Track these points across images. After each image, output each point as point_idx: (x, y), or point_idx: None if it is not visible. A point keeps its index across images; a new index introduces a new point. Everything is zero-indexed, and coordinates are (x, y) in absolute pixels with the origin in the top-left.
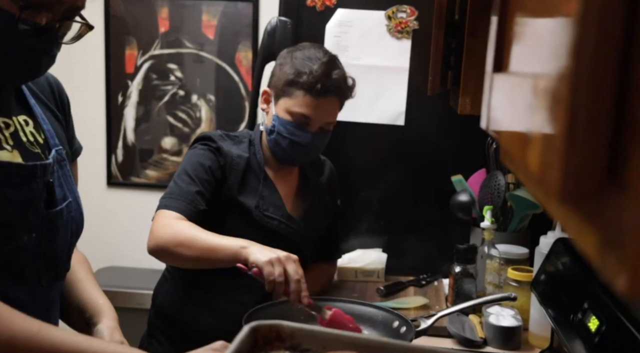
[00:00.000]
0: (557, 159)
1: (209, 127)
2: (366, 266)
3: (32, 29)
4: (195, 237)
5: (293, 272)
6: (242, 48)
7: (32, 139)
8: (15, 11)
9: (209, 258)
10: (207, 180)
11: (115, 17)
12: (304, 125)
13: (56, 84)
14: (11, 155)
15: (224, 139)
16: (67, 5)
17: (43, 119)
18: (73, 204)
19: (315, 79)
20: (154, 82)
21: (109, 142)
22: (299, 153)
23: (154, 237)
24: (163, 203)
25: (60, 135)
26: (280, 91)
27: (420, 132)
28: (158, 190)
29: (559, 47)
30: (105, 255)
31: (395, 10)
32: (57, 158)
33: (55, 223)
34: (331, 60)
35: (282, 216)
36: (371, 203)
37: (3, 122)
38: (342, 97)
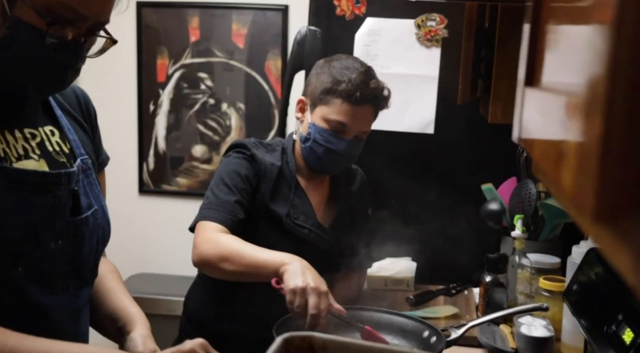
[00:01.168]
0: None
1: (239, 135)
2: (396, 275)
3: (59, 43)
4: (239, 252)
5: (312, 305)
6: (272, 56)
7: (58, 148)
8: (42, 26)
9: (252, 274)
10: (244, 189)
11: (147, 27)
12: (340, 133)
13: (83, 95)
14: (38, 164)
15: (258, 147)
16: (92, 21)
17: (69, 129)
18: (99, 212)
19: (354, 87)
20: (185, 91)
21: (140, 150)
22: (334, 161)
23: (198, 250)
24: (203, 214)
25: (86, 145)
26: (317, 99)
27: (450, 140)
28: (189, 197)
29: (593, 55)
30: (136, 261)
31: (425, 19)
32: (82, 167)
33: (81, 231)
34: (368, 70)
35: (312, 225)
36: (401, 212)
37: (29, 133)
38: (378, 106)
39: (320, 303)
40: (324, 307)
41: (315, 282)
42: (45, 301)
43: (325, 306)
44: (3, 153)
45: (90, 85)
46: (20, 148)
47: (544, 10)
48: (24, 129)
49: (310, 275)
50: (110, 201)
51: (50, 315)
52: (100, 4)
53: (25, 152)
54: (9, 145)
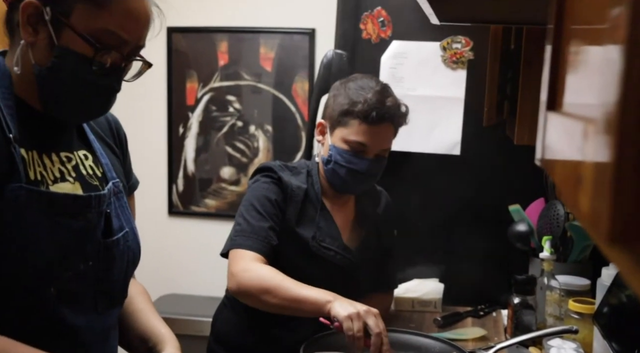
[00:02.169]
0: (606, 201)
1: (266, 157)
2: (423, 296)
3: (103, 69)
4: (281, 286)
5: (374, 325)
6: (299, 79)
7: (91, 171)
8: (89, 53)
9: (294, 308)
10: (275, 214)
11: (177, 51)
12: (361, 152)
13: (114, 121)
14: (73, 186)
15: (284, 170)
16: (132, 45)
17: (101, 154)
18: (129, 234)
19: (370, 107)
20: (214, 114)
21: (170, 172)
22: (357, 181)
23: (236, 280)
24: (237, 241)
25: (117, 169)
26: (335, 121)
27: (476, 161)
28: (217, 218)
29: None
30: (166, 282)
31: (450, 41)
32: (113, 190)
33: (112, 252)
34: (384, 88)
35: (338, 247)
36: (428, 233)
37: (65, 156)
38: (397, 123)
39: (379, 323)
40: (383, 326)
41: (364, 306)
42: (75, 321)
43: (384, 326)
44: (40, 176)
45: (121, 108)
46: (56, 171)
47: (565, 33)
48: (61, 152)
49: (355, 303)
50: (140, 222)
51: (79, 335)
52: (140, 29)
53: (61, 175)
54: (46, 168)
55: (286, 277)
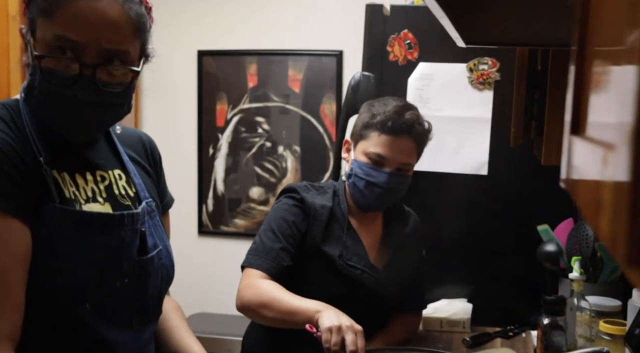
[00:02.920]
0: (623, 225)
1: (294, 177)
2: (452, 316)
3: (68, 78)
4: (277, 299)
5: (350, 342)
6: (327, 100)
7: (124, 191)
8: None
9: (289, 321)
10: (291, 236)
11: (207, 74)
12: (380, 165)
13: (149, 142)
14: (102, 207)
15: (309, 190)
16: (93, 48)
17: (135, 174)
18: (163, 252)
19: (387, 118)
20: (243, 135)
21: (200, 192)
22: (376, 194)
23: (240, 296)
24: (249, 260)
25: (151, 189)
26: (358, 136)
27: (504, 181)
28: (246, 238)
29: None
30: (196, 301)
31: (477, 63)
32: (146, 209)
33: (147, 270)
34: (405, 104)
35: (364, 265)
36: (456, 253)
37: (100, 176)
38: (417, 138)
39: (357, 341)
40: (361, 345)
41: (349, 321)
42: (111, 337)
43: (362, 344)
44: (73, 195)
45: (153, 129)
46: (89, 191)
47: (587, 55)
48: (96, 171)
49: (344, 316)
50: (171, 242)
51: (115, 350)
52: (93, 29)
53: (93, 195)
54: (78, 188)
55: (284, 290)
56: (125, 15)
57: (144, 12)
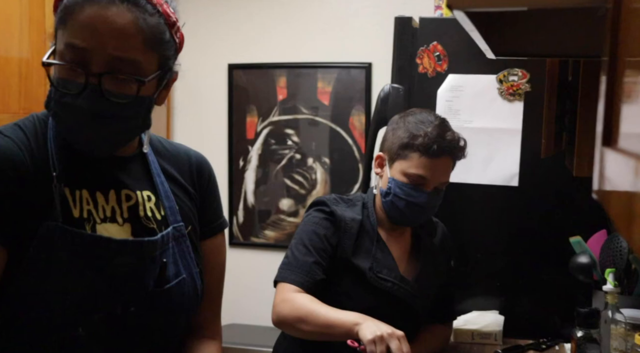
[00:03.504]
0: None
1: (324, 189)
2: (483, 328)
3: (74, 87)
4: (314, 313)
5: (395, 349)
6: (356, 112)
7: (150, 214)
8: (63, 75)
9: (326, 334)
10: (322, 249)
11: (237, 87)
12: (420, 186)
13: (197, 163)
14: (120, 228)
15: (338, 203)
16: (98, 55)
17: (167, 196)
18: (186, 281)
19: (431, 141)
20: (273, 147)
21: (230, 203)
22: (416, 213)
23: (276, 311)
24: (282, 274)
25: (187, 213)
26: (394, 154)
27: (535, 192)
28: (276, 250)
29: None
30: (226, 312)
31: (507, 74)
32: (173, 235)
33: (161, 301)
34: (442, 122)
35: (395, 277)
36: (486, 264)
37: (126, 195)
38: (455, 157)
39: (402, 346)
40: (407, 349)
41: (390, 328)
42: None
43: (408, 349)
44: (87, 214)
45: (184, 141)
46: (108, 210)
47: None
48: (122, 190)
49: (382, 325)
50: None
51: None
52: (99, 35)
53: (112, 214)
54: (97, 205)
55: (320, 303)
56: (136, 24)
57: (161, 25)
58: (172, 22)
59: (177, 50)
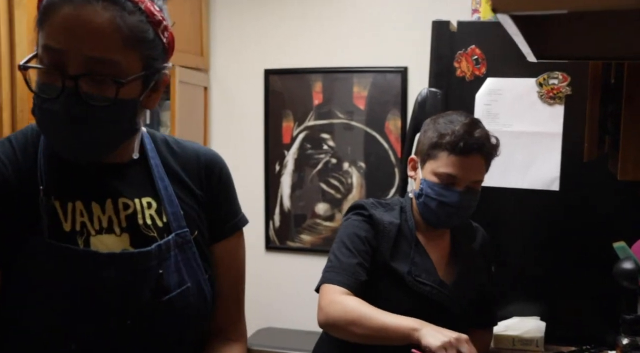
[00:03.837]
0: None
1: (360, 193)
2: (524, 334)
3: (51, 91)
4: (366, 316)
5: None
6: (391, 117)
7: (150, 222)
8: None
9: (380, 338)
10: (365, 251)
11: (273, 92)
12: (451, 185)
13: (206, 161)
14: (118, 238)
15: (376, 207)
16: (74, 58)
17: (171, 201)
18: (191, 289)
19: (458, 138)
20: (308, 151)
21: (267, 208)
22: (448, 213)
23: (325, 313)
24: (327, 277)
25: (193, 218)
26: (425, 155)
27: (577, 196)
28: (312, 254)
29: None
30: (263, 316)
31: (547, 77)
32: (176, 241)
33: (160, 312)
34: (472, 121)
35: (434, 282)
36: (527, 270)
37: (123, 203)
38: (487, 155)
39: (472, 349)
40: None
41: (454, 333)
42: None
43: (475, 350)
44: (80, 226)
45: (220, 146)
46: (105, 220)
47: None
48: (119, 198)
49: (444, 330)
50: None
51: None
52: (74, 36)
53: (109, 225)
54: (91, 217)
55: (372, 307)
56: (113, 23)
57: (142, 23)
58: (156, 20)
59: (167, 51)
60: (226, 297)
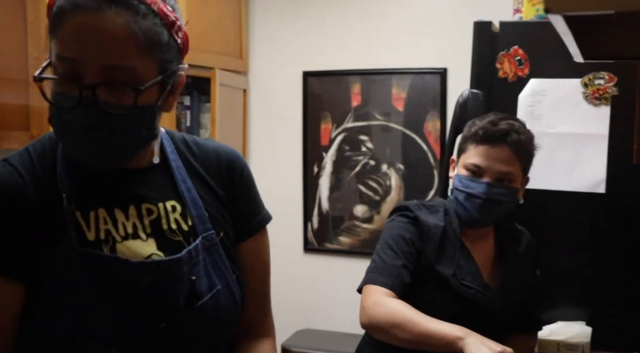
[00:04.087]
0: None
1: (399, 195)
2: (569, 339)
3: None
4: (411, 320)
5: None
6: (430, 118)
7: (175, 226)
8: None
9: (423, 343)
10: (409, 253)
11: (312, 94)
12: (478, 176)
13: (227, 160)
14: (145, 244)
15: (420, 209)
16: (89, 66)
17: (195, 204)
18: (222, 292)
19: (480, 128)
20: (347, 153)
21: (305, 210)
22: (477, 206)
23: (367, 314)
24: (370, 277)
25: (217, 219)
26: (459, 151)
27: (623, 199)
28: (350, 256)
29: None
30: (302, 317)
31: (592, 78)
32: (203, 244)
33: (194, 318)
34: (505, 116)
35: (479, 285)
36: (572, 274)
37: (147, 209)
38: (515, 146)
39: None
40: None
41: (499, 346)
42: None
43: None
44: (105, 234)
45: (259, 148)
46: (130, 226)
47: None
48: (142, 204)
49: (488, 341)
50: (277, 259)
51: None
52: (90, 44)
53: (134, 231)
54: (116, 224)
55: (416, 311)
56: (128, 28)
57: (157, 26)
58: (170, 21)
59: (181, 51)
60: (254, 295)
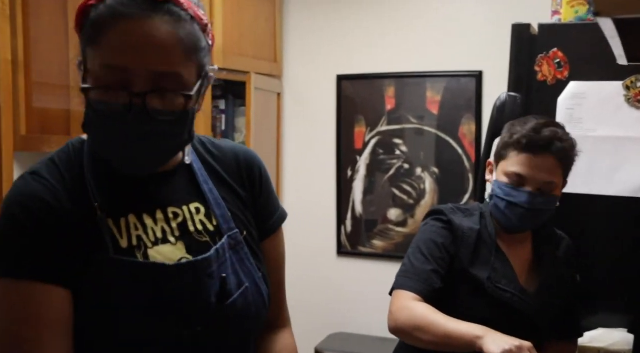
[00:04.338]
0: None
1: (433, 199)
2: (610, 347)
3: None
4: (432, 323)
5: None
6: (466, 121)
7: (201, 227)
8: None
9: (445, 345)
10: (441, 258)
11: (346, 98)
12: (520, 185)
13: (245, 159)
14: (175, 247)
15: (455, 212)
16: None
17: (217, 204)
18: (250, 289)
19: (524, 136)
20: (381, 157)
21: (339, 213)
22: (519, 215)
23: (393, 318)
24: (399, 282)
25: (240, 218)
26: (498, 157)
27: None
28: (384, 260)
29: None
30: (335, 320)
31: (635, 80)
32: (229, 244)
33: (226, 316)
34: (547, 122)
35: (515, 289)
36: (613, 280)
37: (173, 213)
38: (559, 155)
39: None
40: None
41: (517, 340)
42: None
43: None
44: (137, 240)
45: (294, 152)
46: (159, 231)
47: None
48: (168, 208)
49: (506, 337)
50: (310, 262)
51: None
52: (140, 52)
53: (163, 235)
54: (146, 229)
55: (440, 313)
56: (175, 35)
57: (197, 31)
58: (204, 24)
59: (210, 52)
60: (273, 288)
